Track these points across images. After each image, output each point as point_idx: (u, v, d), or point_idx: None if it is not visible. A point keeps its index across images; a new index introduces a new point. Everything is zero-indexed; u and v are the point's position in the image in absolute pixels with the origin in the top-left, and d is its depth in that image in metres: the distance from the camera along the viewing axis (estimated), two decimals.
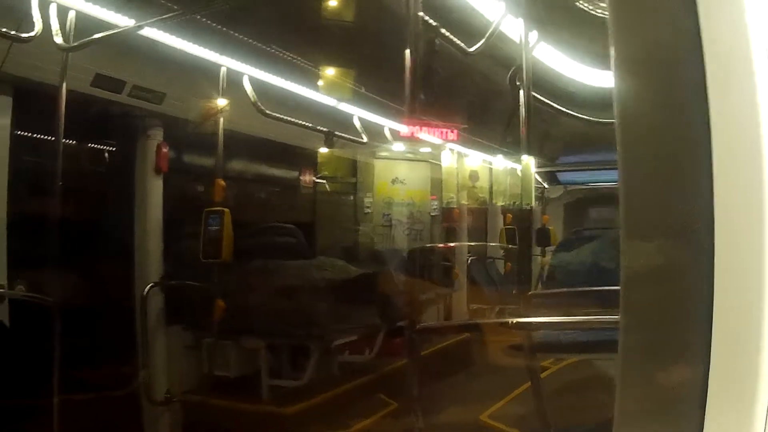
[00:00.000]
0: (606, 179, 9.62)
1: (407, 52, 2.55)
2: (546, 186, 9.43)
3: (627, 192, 0.95)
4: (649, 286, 0.96)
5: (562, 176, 9.53)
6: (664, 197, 0.94)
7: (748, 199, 0.85)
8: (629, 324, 0.95)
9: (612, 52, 0.96)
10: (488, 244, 8.61)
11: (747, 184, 0.85)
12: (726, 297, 0.86)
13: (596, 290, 4.45)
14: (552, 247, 8.01)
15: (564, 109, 4.76)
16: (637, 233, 0.96)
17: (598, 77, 5.40)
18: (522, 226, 4.71)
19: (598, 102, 5.39)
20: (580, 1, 3.97)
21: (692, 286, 0.89)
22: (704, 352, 0.87)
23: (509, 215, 8.05)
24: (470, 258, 8.35)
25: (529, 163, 4.62)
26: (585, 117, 4.93)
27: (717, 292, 0.86)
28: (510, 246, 7.66)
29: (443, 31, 3.14)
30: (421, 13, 2.65)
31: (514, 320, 3.63)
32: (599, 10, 3.99)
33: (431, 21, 3.02)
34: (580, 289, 5.01)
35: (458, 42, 3.41)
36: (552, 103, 4.55)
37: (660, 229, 0.95)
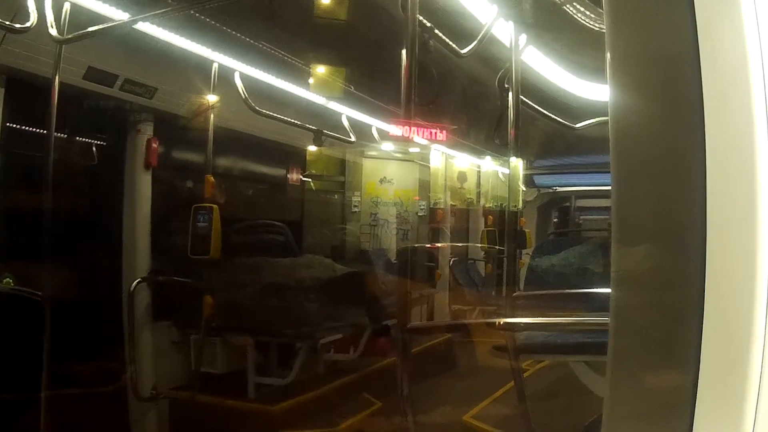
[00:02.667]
0: (581, 183, 9.77)
1: (403, 53, 2.54)
2: (523, 188, 9.52)
3: (619, 198, 0.97)
4: (639, 290, 0.97)
5: (538, 179, 9.66)
6: (657, 204, 0.95)
7: (741, 207, 0.86)
8: (619, 327, 0.96)
9: (608, 60, 0.98)
10: (477, 245, 8.61)
11: (740, 193, 0.86)
12: (717, 303, 0.87)
13: (581, 293, 4.48)
14: (527, 250, 8.03)
15: (546, 112, 4.78)
16: (629, 238, 0.98)
17: (577, 83, 5.42)
18: (509, 228, 4.71)
19: (576, 106, 5.43)
20: (568, 6, 3.99)
21: (684, 291, 0.90)
22: (694, 356, 0.88)
23: (490, 217, 8.07)
24: (452, 259, 8.37)
25: (517, 165, 4.65)
26: (565, 122, 4.95)
27: (708, 298, 0.88)
28: (490, 247, 7.67)
29: (437, 32, 3.14)
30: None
31: (501, 321, 3.65)
32: (589, 21, 4.02)
33: (426, 22, 3.02)
34: (565, 291, 5.03)
35: (451, 43, 3.41)
36: (535, 105, 4.57)
37: (652, 234, 0.96)
